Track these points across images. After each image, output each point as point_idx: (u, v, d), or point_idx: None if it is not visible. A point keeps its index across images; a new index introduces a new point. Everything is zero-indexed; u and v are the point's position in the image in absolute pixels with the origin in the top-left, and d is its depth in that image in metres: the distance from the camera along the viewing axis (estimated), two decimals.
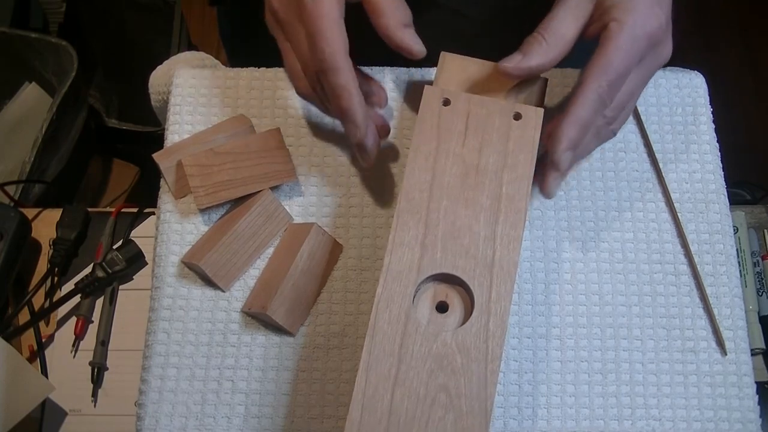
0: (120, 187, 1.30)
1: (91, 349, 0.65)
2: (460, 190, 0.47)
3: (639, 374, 0.53)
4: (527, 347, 0.53)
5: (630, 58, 0.48)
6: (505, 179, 0.47)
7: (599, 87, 0.48)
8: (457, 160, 0.48)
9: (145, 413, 0.51)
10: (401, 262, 0.45)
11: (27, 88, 1.22)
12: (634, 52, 0.48)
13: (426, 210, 0.46)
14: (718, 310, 0.54)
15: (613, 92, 0.49)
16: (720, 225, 0.57)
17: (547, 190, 0.50)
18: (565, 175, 0.51)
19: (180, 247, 0.55)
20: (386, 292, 0.44)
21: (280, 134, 0.56)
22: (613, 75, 0.48)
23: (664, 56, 0.51)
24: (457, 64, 0.54)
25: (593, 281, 0.55)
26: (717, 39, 1.66)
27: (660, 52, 0.51)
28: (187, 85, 0.60)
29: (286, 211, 0.56)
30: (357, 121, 0.49)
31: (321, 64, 0.48)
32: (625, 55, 0.48)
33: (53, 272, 0.67)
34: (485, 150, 0.48)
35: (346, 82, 0.48)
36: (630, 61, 0.48)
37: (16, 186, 1.03)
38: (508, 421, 0.51)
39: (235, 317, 0.53)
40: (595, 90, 0.48)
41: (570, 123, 0.48)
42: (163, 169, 0.56)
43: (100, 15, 1.39)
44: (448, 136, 0.48)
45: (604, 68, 0.48)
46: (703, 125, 0.60)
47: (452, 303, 0.45)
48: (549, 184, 0.49)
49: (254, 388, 0.52)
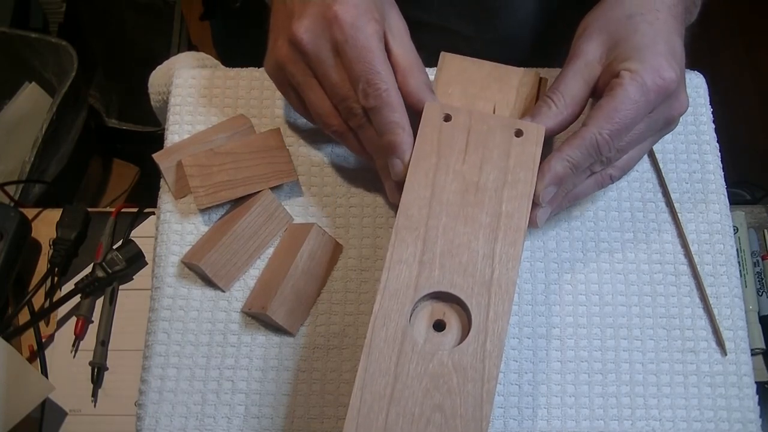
0: (120, 187, 1.30)
1: (91, 349, 0.65)
2: (459, 207, 0.47)
3: (639, 374, 0.53)
4: (527, 347, 0.53)
5: (638, 108, 0.48)
6: (505, 197, 0.47)
7: (599, 134, 0.47)
8: (456, 177, 0.47)
9: (145, 413, 0.51)
10: (399, 279, 0.45)
11: (27, 88, 1.22)
12: (643, 102, 0.48)
13: (425, 227, 0.46)
14: (718, 310, 0.54)
15: (614, 140, 0.48)
16: (720, 225, 0.57)
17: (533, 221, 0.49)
18: (553, 209, 0.50)
19: (180, 247, 0.55)
20: (383, 309, 0.44)
21: (280, 134, 0.56)
22: (618, 124, 0.47)
23: (676, 108, 0.51)
24: (456, 64, 0.54)
25: (593, 281, 0.55)
26: (717, 39, 1.66)
27: (672, 103, 0.50)
28: (187, 85, 0.60)
29: (286, 211, 0.56)
30: (405, 159, 0.48)
31: (377, 101, 0.47)
32: (633, 105, 0.47)
33: (53, 272, 0.67)
34: (485, 167, 0.48)
35: (401, 119, 0.48)
36: (638, 112, 0.48)
37: (16, 186, 1.03)
38: (508, 421, 0.51)
39: (235, 317, 0.53)
40: (593, 135, 0.47)
41: (559, 159, 0.48)
42: (163, 169, 0.56)
43: (100, 15, 1.39)
44: (448, 152, 0.48)
45: (609, 115, 0.47)
46: (703, 125, 0.60)
47: (449, 322, 0.45)
48: (534, 217, 0.49)
49: (254, 388, 0.52)
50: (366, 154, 0.52)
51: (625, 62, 0.48)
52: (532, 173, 0.48)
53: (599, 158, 0.49)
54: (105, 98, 1.37)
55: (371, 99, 0.48)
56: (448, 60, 0.54)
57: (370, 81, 0.47)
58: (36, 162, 1.05)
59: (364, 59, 0.47)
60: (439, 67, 0.54)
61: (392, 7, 0.51)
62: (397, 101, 0.48)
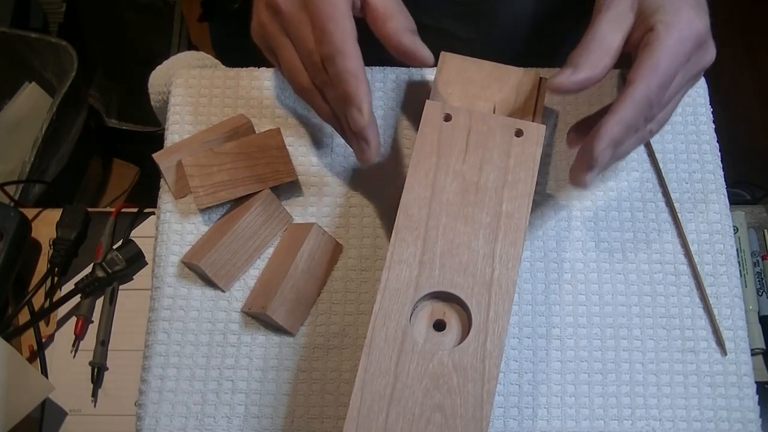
0: (120, 187, 1.30)
1: (91, 349, 0.65)
2: (459, 206, 0.47)
3: (639, 374, 0.53)
4: (527, 347, 0.53)
5: (678, 58, 0.48)
6: (505, 196, 0.47)
7: (648, 88, 0.47)
8: (457, 177, 0.47)
9: (145, 413, 0.51)
10: (399, 279, 0.45)
11: (27, 88, 1.22)
12: (682, 52, 0.48)
13: (425, 227, 0.46)
14: (718, 310, 0.54)
15: (661, 93, 0.48)
16: (720, 225, 0.57)
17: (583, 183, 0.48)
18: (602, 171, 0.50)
19: (180, 247, 0.55)
20: (383, 309, 0.44)
21: (280, 134, 0.56)
22: (662, 77, 0.47)
23: (708, 58, 0.51)
24: (456, 64, 0.54)
25: (593, 281, 0.55)
26: (717, 39, 1.66)
27: (704, 54, 0.50)
28: (187, 85, 0.60)
29: (286, 211, 0.56)
30: (362, 107, 0.47)
31: (329, 48, 0.47)
32: (674, 56, 0.48)
33: (53, 272, 0.67)
34: (486, 166, 0.48)
35: (355, 67, 0.47)
36: (678, 62, 0.48)
37: (16, 186, 1.03)
38: (508, 421, 0.51)
39: (235, 317, 0.53)
40: (644, 91, 0.47)
41: (616, 122, 0.47)
42: (163, 169, 0.56)
43: (100, 15, 1.39)
44: (448, 152, 0.48)
45: (653, 69, 0.47)
46: (703, 125, 0.60)
47: (449, 321, 0.45)
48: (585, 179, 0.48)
49: (254, 388, 0.52)
50: (333, 119, 0.52)
51: (656, 14, 0.48)
52: (532, 173, 0.48)
53: (650, 114, 0.49)
54: (105, 98, 1.37)
55: (324, 46, 0.47)
56: (448, 60, 0.54)
57: (324, 28, 0.47)
58: (36, 162, 1.05)
59: (323, 10, 0.47)
60: (439, 67, 0.54)
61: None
62: (351, 50, 0.47)
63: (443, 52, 0.54)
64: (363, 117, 0.48)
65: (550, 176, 0.58)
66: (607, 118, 0.47)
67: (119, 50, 1.41)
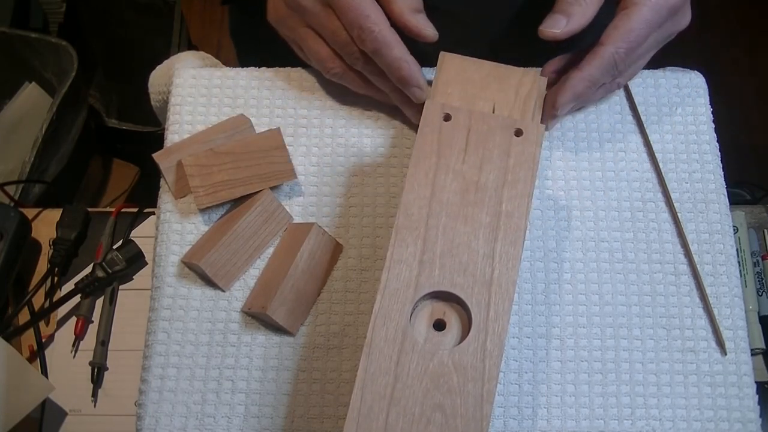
0: (120, 187, 1.30)
1: (91, 349, 0.65)
2: (459, 206, 0.47)
3: (639, 374, 0.53)
4: (527, 347, 0.53)
5: (651, 26, 0.51)
6: (505, 196, 0.47)
7: (616, 52, 0.50)
8: (456, 176, 0.48)
9: (145, 413, 0.51)
10: (399, 279, 0.45)
11: (27, 88, 1.22)
12: (656, 20, 0.51)
13: (425, 226, 0.46)
14: (718, 310, 0.54)
15: (629, 57, 0.51)
16: (720, 225, 0.57)
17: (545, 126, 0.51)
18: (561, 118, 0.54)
19: (180, 247, 0.55)
20: (383, 309, 0.44)
21: (280, 134, 0.56)
22: (633, 43, 0.50)
23: (682, 24, 0.54)
24: (456, 64, 0.54)
25: (593, 281, 0.55)
26: (717, 39, 1.66)
27: (678, 19, 0.53)
28: (187, 85, 0.60)
29: (286, 211, 0.56)
30: (421, 84, 0.52)
31: (373, 45, 0.50)
32: (647, 24, 0.50)
33: (53, 272, 0.67)
34: (485, 166, 0.48)
35: (402, 53, 0.51)
36: (650, 29, 0.51)
37: (16, 186, 1.03)
38: (508, 421, 0.51)
39: (235, 317, 0.53)
40: (611, 53, 0.50)
41: (580, 78, 0.51)
42: (163, 169, 0.56)
43: (100, 15, 1.39)
44: (448, 152, 0.48)
45: (625, 34, 0.50)
46: (703, 125, 0.60)
47: (449, 321, 0.45)
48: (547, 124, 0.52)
49: (254, 388, 0.52)
50: (371, 89, 0.56)
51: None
52: (531, 172, 0.48)
53: (615, 73, 0.52)
54: (105, 98, 1.37)
55: (368, 44, 0.51)
56: (448, 60, 0.54)
57: (363, 26, 0.50)
58: (36, 162, 1.05)
59: (351, 6, 0.50)
60: (439, 67, 0.54)
61: None
62: (392, 38, 0.51)
63: (443, 52, 0.54)
64: (423, 91, 0.53)
65: (550, 176, 0.58)
66: (573, 74, 0.51)
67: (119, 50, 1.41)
